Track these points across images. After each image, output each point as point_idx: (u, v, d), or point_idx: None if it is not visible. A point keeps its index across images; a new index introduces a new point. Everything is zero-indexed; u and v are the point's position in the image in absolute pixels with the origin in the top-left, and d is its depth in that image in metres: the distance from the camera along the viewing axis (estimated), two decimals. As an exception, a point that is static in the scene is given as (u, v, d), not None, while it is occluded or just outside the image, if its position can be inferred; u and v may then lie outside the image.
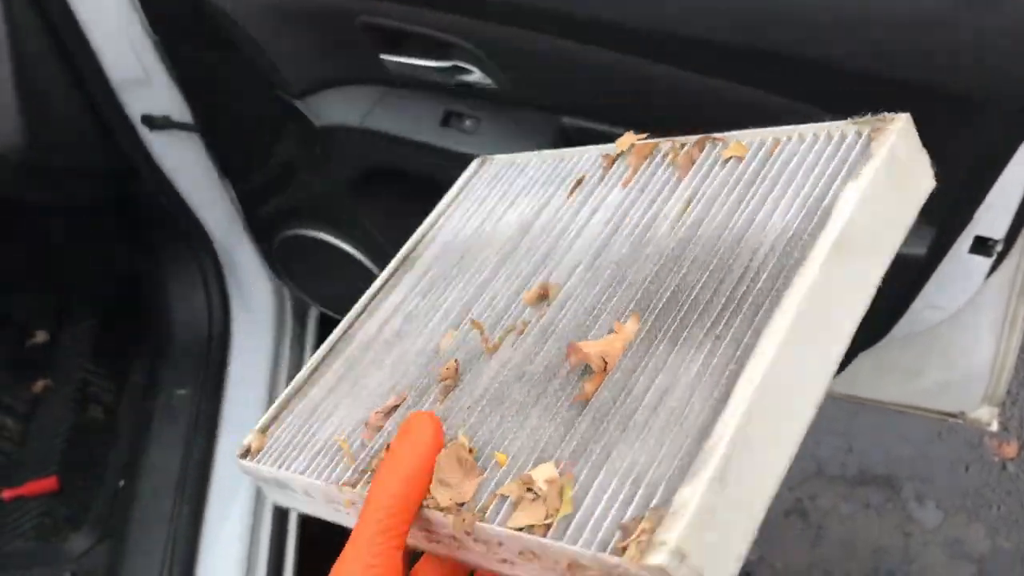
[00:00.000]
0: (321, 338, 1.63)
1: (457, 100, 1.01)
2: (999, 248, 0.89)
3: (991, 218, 0.86)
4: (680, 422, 0.39)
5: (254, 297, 1.51)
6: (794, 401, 0.41)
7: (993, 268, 0.91)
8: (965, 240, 0.88)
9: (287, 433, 0.56)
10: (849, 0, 0.74)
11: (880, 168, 0.44)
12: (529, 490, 0.40)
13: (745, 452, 0.37)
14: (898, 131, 0.46)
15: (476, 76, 0.96)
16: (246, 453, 0.57)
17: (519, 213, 0.60)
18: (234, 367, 1.46)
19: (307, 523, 1.45)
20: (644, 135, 0.57)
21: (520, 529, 0.40)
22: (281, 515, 1.38)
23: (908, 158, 0.47)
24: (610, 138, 0.93)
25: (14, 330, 1.74)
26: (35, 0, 1.12)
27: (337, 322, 0.65)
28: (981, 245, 0.89)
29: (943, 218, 0.84)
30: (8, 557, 1.40)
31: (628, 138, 0.58)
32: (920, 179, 0.48)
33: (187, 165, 1.32)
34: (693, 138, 0.54)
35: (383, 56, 0.98)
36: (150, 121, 1.26)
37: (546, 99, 0.96)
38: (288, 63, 1.03)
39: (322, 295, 1.40)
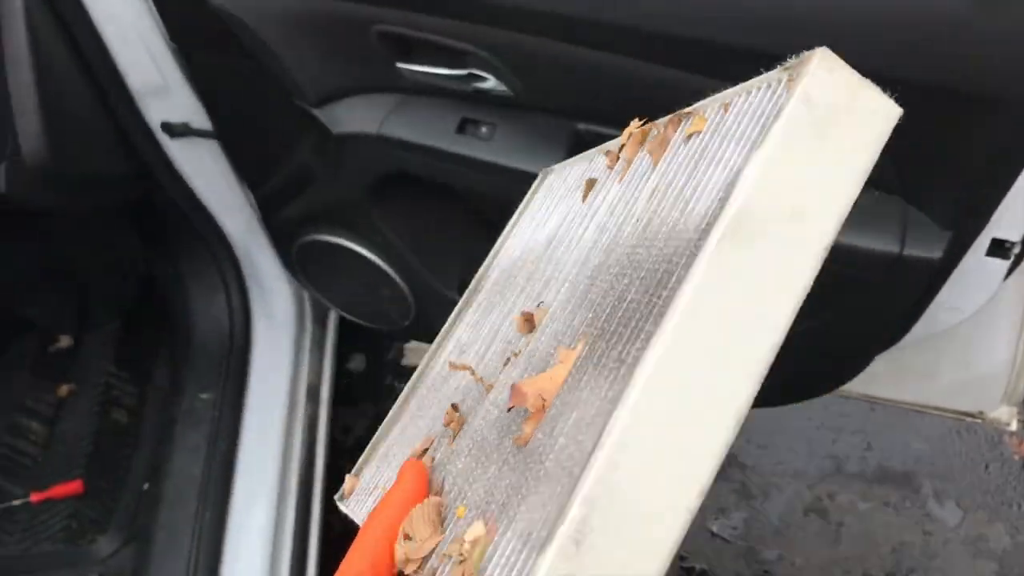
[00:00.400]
0: (340, 340, 1.65)
1: (473, 107, 1.02)
2: (1016, 250, 0.89)
3: (1008, 220, 0.86)
4: (571, 470, 0.35)
5: (274, 301, 1.52)
6: (688, 429, 0.34)
7: (1011, 270, 0.91)
8: (982, 243, 0.88)
9: (367, 477, 0.58)
10: (862, 2, 0.74)
11: (788, 126, 0.38)
12: (460, 552, 0.38)
13: (614, 504, 0.32)
14: (810, 74, 0.39)
15: (491, 83, 0.96)
16: (343, 496, 0.58)
17: (549, 226, 0.60)
18: (255, 370, 1.47)
19: (329, 526, 1.46)
20: (644, 120, 0.54)
21: None
22: (303, 518, 1.39)
23: (834, 98, 0.39)
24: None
25: (38, 335, 1.76)
26: (55, 11, 1.13)
27: (357, 326, 0.66)
28: (998, 247, 0.89)
29: (960, 221, 0.83)
30: (37, 559, 1.42)
31: (631, 127, 0.55)
32: (864, 114, 0.40)
33: (206, 171, 1.33)
34: (668, 117, 0.50)
35: (399, 64, 0.99)
36: (169, 128, 1.27)
37: (561, 105, 0.96)
38: (305, 72, 1.04)
39: (342, 299, 1.41)
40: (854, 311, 0.96)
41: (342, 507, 0.58)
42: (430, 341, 0.63)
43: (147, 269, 1.71)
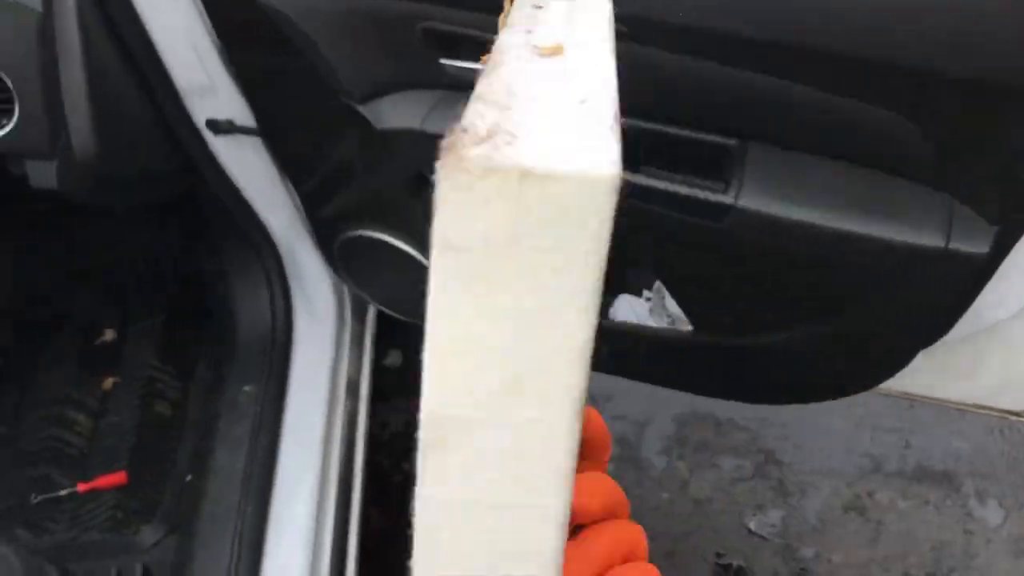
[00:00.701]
0: (377, 336, 1.67)
1: (514, 103, 1.02)
2: (1064, 246, 0.88)
3: (1056, 215, 0.85)
4: None
5: (315, 296, 1.54)
6: None
7: (1058, 266, 0.90)
8: (1029, 238, 0.88)
9: None
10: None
11: (442, 292, 0.27)
12: None
13: None
14: (442, 210, 0.26)
15: (533, 79, 0.97)
16: None
17: None
18: (297, 365, 1.49)
19: (368, 519, 1.48)
20: None
21: None
22: (343, 512, 1.41)
23: (491, 224, 0.26)
24: (663, 138, 0.93)
25: (83, 329, 1.80)
26: (106, 11, 1.16)
27: (393, 322, 0.64)
28: (1045, 243, 0.88)
29: (1007, 215, 0.83)
30: (84, 547, 1.45)
31: None
32: (554, 220, 0.26)
33: (250, 168, 1.35)
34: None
35: (442, 61, 1.00)
36: (214, 126, 1.29)
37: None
38: (350, 69, 1.06)
39: (383, 295, 1.42)
40: (896, 306, 0.95)
41: None
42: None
43: (190, 265, 1.73)
